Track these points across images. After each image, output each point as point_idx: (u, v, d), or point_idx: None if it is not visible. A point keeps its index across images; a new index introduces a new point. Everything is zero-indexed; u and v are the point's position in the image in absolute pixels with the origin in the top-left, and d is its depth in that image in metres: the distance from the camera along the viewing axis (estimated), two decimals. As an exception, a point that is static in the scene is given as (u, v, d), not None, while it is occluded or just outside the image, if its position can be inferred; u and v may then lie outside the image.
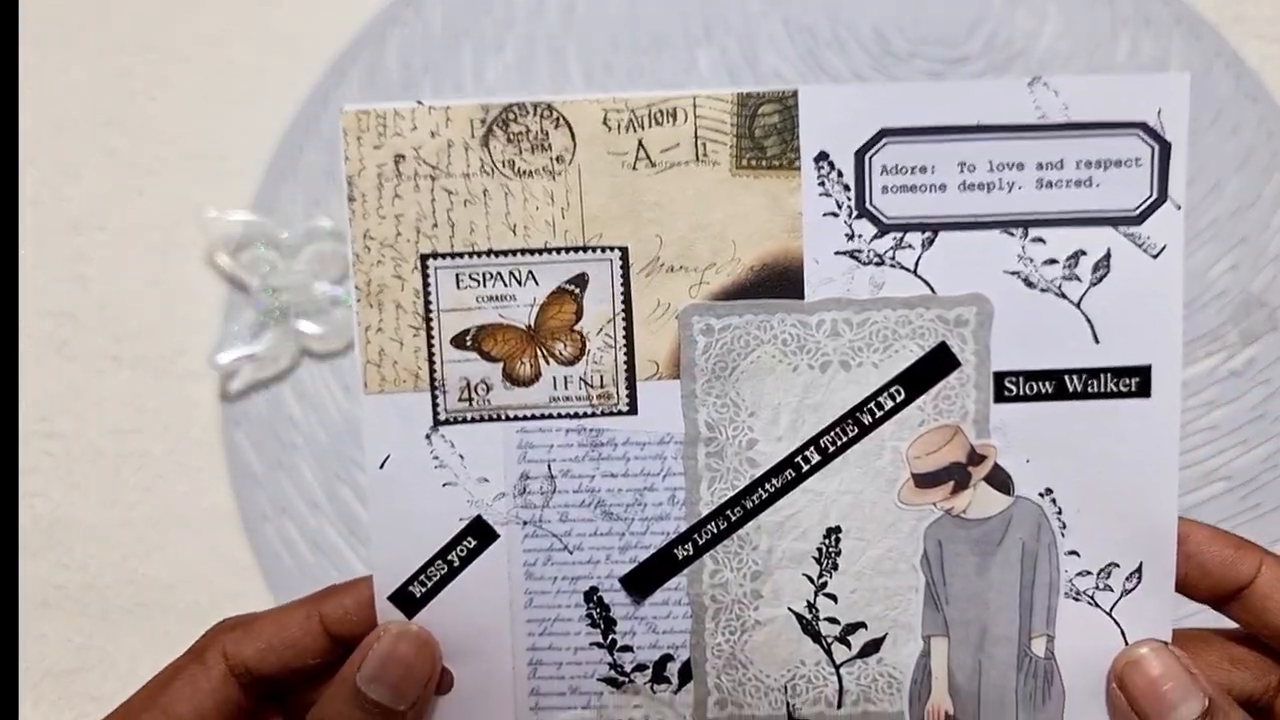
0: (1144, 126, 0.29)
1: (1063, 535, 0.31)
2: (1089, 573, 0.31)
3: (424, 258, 0.30)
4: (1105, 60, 0.53)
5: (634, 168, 0.30)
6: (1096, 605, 0.31)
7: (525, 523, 0.31)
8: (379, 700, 0.30)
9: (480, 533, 0.31)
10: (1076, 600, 0.31)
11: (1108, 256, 0.30)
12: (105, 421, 0.56)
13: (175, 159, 0.57)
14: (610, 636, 0.32)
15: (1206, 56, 0.53)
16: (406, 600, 0.31)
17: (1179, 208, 0.29)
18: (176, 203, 0.56)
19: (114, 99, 0.58)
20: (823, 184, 0.30)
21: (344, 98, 0.55)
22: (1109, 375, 0.30)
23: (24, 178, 0.57)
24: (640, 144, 0.29)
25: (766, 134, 0.29)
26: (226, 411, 0.53)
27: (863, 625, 0.32)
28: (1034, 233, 0.30)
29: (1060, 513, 0.31)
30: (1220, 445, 0.48)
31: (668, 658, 0.32)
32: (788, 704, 0.32)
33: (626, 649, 0.32)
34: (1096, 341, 0.30)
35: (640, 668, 0.32)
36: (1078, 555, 0.31)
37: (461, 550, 0.31)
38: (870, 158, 0.29)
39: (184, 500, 0.55)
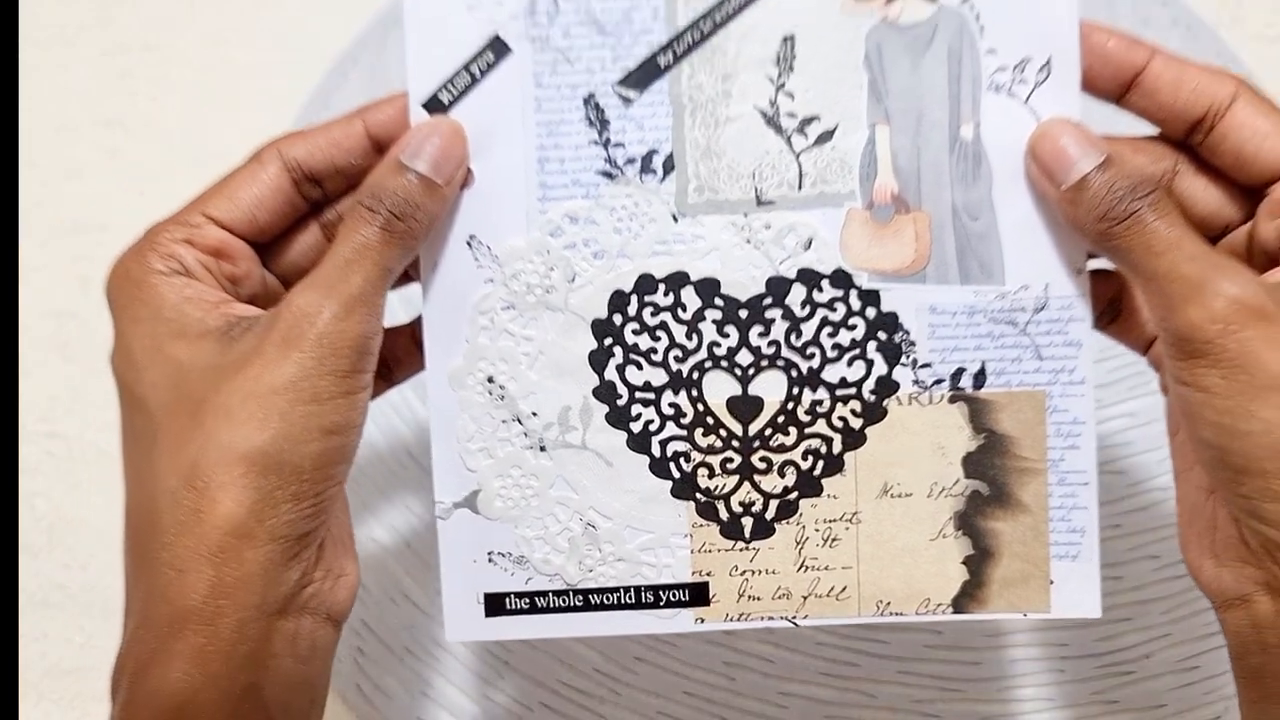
0: None
1: (981, 35, 0.37)
2: (1007, 67, 0.37)
3: None
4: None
5: None
6: (1014, 96, 0.37)
7: (534, 39, 0.38)
8: (420, 171, 0.36)
9: (497, 49, 0.38)
10: (997, 92, 0.37)
11: None
12: (107, 422, 0.56)
13: (177, 160, 0.58)
14: (605, 135, 0.38)
15: (1205, 58, 0.55)
16: (436, 105, 0.38)
17: None
18: (178, 203, 0.55)
19: (115, 99, 0.59)
20: None
21: (345, 99, 0.56)
22: (1011, -105, 0.37)
23: (26, 178, 0.57)
24: None
25: None
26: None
27: (817, 118, 0.37)
28: None
29: (978, 16, 0.37)
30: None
31: (653, 152, 0.38)
32: (755, 188, 0.38)
33: (619, 145, 0.38)
34: None
35: (630, 161, 0.38)
36: (995, 53, 0.37)
37: (482, 64, 0.38)
38: None
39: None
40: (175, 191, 0.51)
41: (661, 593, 0.38)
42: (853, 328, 0.38)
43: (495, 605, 0.39)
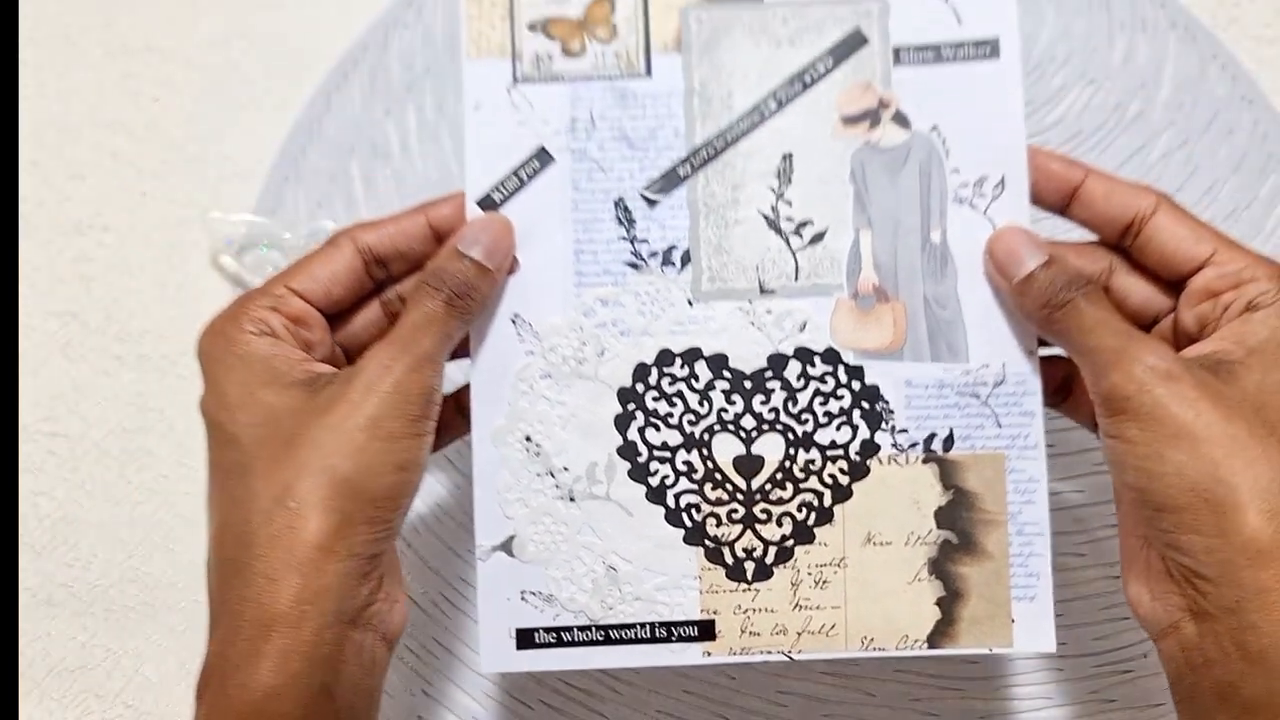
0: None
1: (947, 157, 0.44)
2: (968, 183, 0.44)
3: (511, -24, 0.45)
4: (1101, 63, 0.56)
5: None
6: (974, 207, 0.44)
7: (574, 151, 0.45)
8: (475, 258, 0.42)
9: (542, 158, 0.45)
10: (961, 204, 0.44)
11: (963, -30, 0.45)
12: (109, 421, 0.57)
13: (179, 161, 0.58)
14: (632, 233, 0.45)
15: (1202, 59, 0.55)
16: (489, 203, 0.44)
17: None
18: (180, 204, 0.58)
19: (118, 100, 0.59)
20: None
21: (346, 100, 0.58)
22: (970, 45, 0.44)
23: (28, 179, 0.58)
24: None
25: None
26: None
27: (811, 222, 0.44)
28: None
29: (945, 141, 0.44)
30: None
31: (673, 247, 0.45)
32: (759, 279, 0.44)
33: (644, 241, 0.45)
34: (959, 23, 0.45)
35: (653, 254, 0.45)
36: (959, 171, 0.44)
37: (529, 170, 0.45)
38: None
39: (187, 500, 0.57)
40: (177, 193, 0.58)
41: (674, 629, 0.44)
42: (841, 398, 0.44)
43: (526, 639, 0.44)
